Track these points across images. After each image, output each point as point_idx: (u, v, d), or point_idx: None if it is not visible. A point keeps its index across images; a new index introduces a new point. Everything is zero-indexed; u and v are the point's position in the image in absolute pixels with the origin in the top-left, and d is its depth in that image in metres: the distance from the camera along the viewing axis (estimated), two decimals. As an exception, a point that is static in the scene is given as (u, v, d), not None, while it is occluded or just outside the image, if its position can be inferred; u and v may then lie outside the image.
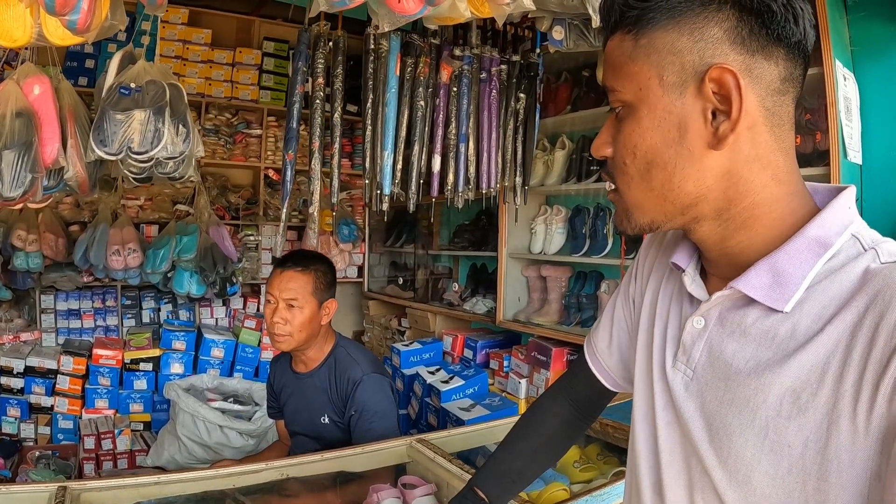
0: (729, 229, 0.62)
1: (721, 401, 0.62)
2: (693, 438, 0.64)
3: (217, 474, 1.35)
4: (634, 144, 0.61)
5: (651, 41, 0.59)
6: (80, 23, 1.08)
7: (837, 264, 0.58)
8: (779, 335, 0.58)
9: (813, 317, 0.57)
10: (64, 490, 1.26)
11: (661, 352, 0.72)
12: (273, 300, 1.72)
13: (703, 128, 0.59)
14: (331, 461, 1.43)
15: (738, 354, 0.61)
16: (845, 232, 0.59)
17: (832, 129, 2.07)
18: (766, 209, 0.61)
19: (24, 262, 3.21)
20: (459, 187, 2.49)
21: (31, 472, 2.88)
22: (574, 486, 1.43)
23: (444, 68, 2.38)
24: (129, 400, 3.42)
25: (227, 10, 3.92)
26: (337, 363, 1.79)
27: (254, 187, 4.08)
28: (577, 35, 1.72)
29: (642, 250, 0.85)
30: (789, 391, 0.56)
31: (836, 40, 2.14)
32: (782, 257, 0.59)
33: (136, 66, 1.92)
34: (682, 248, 0.71)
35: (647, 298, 0.79)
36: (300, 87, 2.11)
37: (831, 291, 0.57)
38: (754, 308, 0.61)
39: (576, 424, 1.01)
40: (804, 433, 0.54)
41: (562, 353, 2.74)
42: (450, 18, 1.31)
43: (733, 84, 0.57)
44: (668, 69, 0.59)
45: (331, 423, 1.78)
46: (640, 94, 0.60)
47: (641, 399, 0.75)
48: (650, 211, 0.63)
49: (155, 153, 1.86)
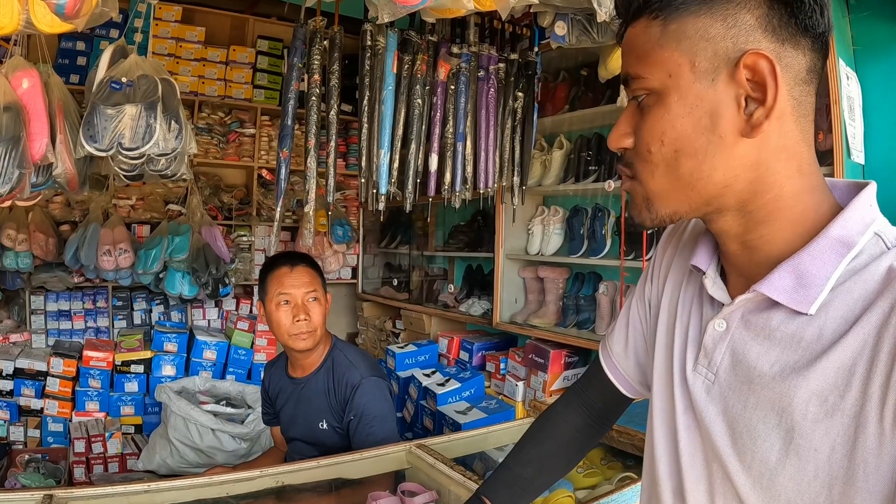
0: (752, 222, 0.61)
1: (745, 404, 0.61)
2: (715, 443, 0.63)
3: (210, 482, 1.30)
4: (663, 131, 0.59)
5: (682, 27, 0.58)
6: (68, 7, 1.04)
7: (861, 264, 0.57)
8: (805, 338, 0.57)
9: (839, 319, 0.56)
10: (50, 498, 1.22)
11: (681, 355, 0.70)
12: (290, 299, 1.69)
13: (737, 115, 0.58)
14: (328, 468, 1.39)
15: (763, 357, 0.60)
16: (868, 230, 0.58)
17: (835, 129, 2.07)
18: (790, 202, 0.60)
19: (14, 262, 3.15)
20: (457, 187, 2.46)
21: (20, 476, 2.82)
22: (578, 492, 1.40)
23: (442, 66, 2.34)
24: (120, 402, 3.37)
25: (221, 7, 3.88)
26: (335, 367, 1.75)
27: (247, 187, 4.04)
28: (579, 31, 1.69)
29: (658, 251, 0.83)
30: (816, 394, 0.55)
31: (838, 39, 2.14)
32: (806, 258, 0.58)
33: (127, 60, 1.88)
34: (701, 250, 0.70)
35: (665, 300, 0.77)
36: (295, 84, 2.07)
37: (856, 292, 0.56)
38: (778, 311, 0.60)
39: (589, 433, 0.98)
40: (831, 437, 0.54)
41: (560, 356, 2.71)
42: (450, 11, 1.27)
43: (768, 70, 0.56)
44: (700, 55, 0.57)
45: (329, 429, 1.74)
46: (669, 81, 0.58)
47: (661, 403, 0.73)
48: (674, 201, 0.62)
49: (146, 149, 1.81)
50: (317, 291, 1.72)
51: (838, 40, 2.14)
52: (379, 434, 1.63)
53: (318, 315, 1.70)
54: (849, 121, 2.14)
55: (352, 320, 4.54)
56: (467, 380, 2.92)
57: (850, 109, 2.16)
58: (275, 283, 1.70)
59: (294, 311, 1.67)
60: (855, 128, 2.21)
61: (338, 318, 4.50)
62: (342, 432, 1.73)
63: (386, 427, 1.67)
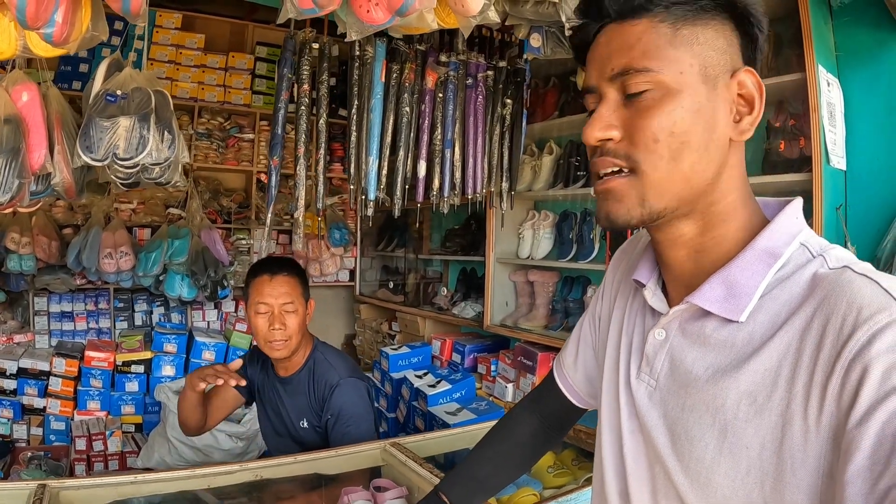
0: (713, 222, 0.66)
1: (682, 407, 0.64)
2: (656, 445, 0.67)
3: (192, 474, 1.37)
4: (673, 122, 0.62)
5: (693, 33, 0.63)
6: (55, 35, 1.10)
7: (787, 272, 0.61)
8: (736, 343, 0.61)
9: (767, 324, 0.60)
10: (43, 488, 1.29)
11: (626, 364, 0.75)
12: (267, 308, 1.73)
13: (730, 120, 0.64)
14: (305, 463, 1.45)
15: (698, 362, 0.64)
16: (794, 241, 0.63)
17: (814, 135, 2.07)
18: (740, 205, 0.66)
19: (18, 265, 3.24)
20: (445, 192, 2.51)
21: (22, 473, 2.91)
22: (547, 492, 1.45)
23: (430, 74, 2.40)
24: (120, 402, 3.45)
25: (220, 14, 3.95)
26: (315, 367, 1.81)
27: (246, 191, 4.11)
28: (554, 42, 1.74)
29: (609, 270, 0.88)
30: (746, 394, 0.59)
31: (819, 45, 2.13)
32: (735, 270, 0.63)
33: (122, 73, 1.94)
34: (643, 266, 0.74)
35: (614, 316, 0.82)
36: (285, 94, 2.13)
37: (782, 298, 0.60)
38: (712, 318, 0.64)
39: (544, 438, 1.03)
40: (760, 434, 0.57)
41: (548, 358, 2.76)
42: (416, 28, 1.34)
43: (756, 86, 0.64)
44: (710, 62, 0.63)
45: (309, 428, 1.80)
46: (681, 79, 0.62)
47: (608, 410, 0.78)
48: (669, 193, 0.63)
49: (140, 159, 1.88)
50: (294, 303, 1.75)
51: (819, 46, 2.14)
52: (354, 434, 1.69)
53: (293, 324, 1.73)
54: (829, 127, 2.15)
55: (349, 322, 4.61)
56: (458, 381, 2.97)
57: (830, 116, 2.17)
58: (255, 291, 1.75)
59: (270, 320, 1.72)
60: (836, 134, 2.22)
61: (336, 319, 4.57)
62: (321, 431, 1.79)
63: (362, 427, 1.72)
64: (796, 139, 2.23)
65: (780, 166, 2.17)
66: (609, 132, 0.64)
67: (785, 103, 2.25)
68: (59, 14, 1.07)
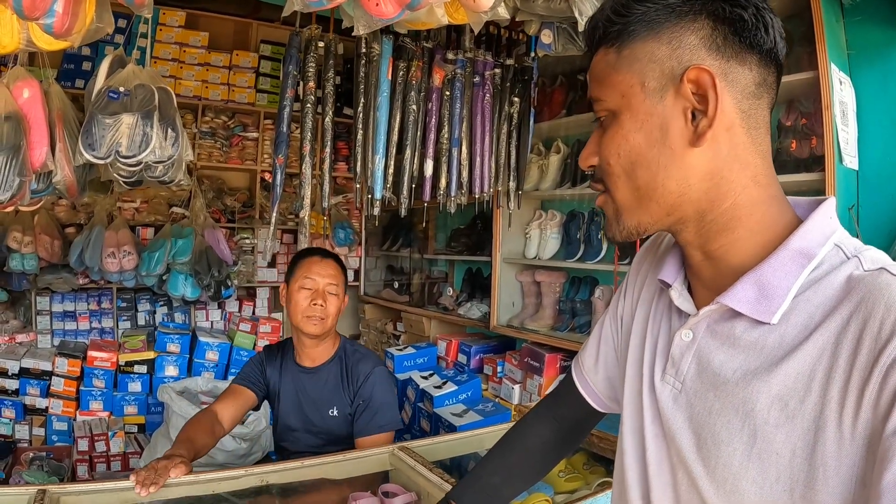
0: (711, 232, 0.64)
1: (709, 410, 0.62)
2: (681, 450, 0.65)
3: (196, 480, 1.34)
4: (618, 145, 0.64)
5: (632, 52, 0.63)
6: (56, 26, 1.07)
7: (821, 274, 0.59)
8: (767, 345, 0.59)
9: (800, 326, 0.58)
10: (43, 494, 1.27)
11: (650, 366, 0.73)
12: (313, 284, 1.81)
13: (684, 127, 0.62)
14: (312, 468, 1.42)
15: (727, 364, 0.62)
16: (828, 242, 0.60)
17: (827, 134, 2.04)
18: (748, 211, 0.62)
19: (20, 264, 3.22)
20: (452, 192, 2.48)
21: (24, 473, 2.88)
22: (559, 496, 1.42)
23: (437, 72, 2.37)
24: (123, 402, 3.43)
25: (224, 12, 3.93)
26: (347, 356, 1.87)
27: (250, 190, 4.08)
28: (565, 39, 1.71)
29: (633, 269, 0.86)
30: (777, 399, 0.57)
31: (831, 44, 2.11)
32: (767, 270, 0.60)
33: (125, 69, 1.91)
34: (668, 264, 0.73)
35: (638, 315, 0.79)
36: (290, 92, 2.10)
37: (816, 300, 0.58)
38: (742, 320, 0.62)
39: (558, 446, 1.00)
40: (792, 440, 0.55)
41: (555, 360, 2.72)
42: (424, 24, 1.30)
43: (709, 83, 0.60)
44: (649, 76, 0.62)
45: (340, 416, 1.81)
46: (622, 101, 0.63)
47: (631, 414, 0.76)
48: (637, 212, 0.65)
49: (143, 157, 1.85)
50: (338, 286, 1.84)
51: (831, 45, 2.12)
52: (381, 421, 1.76)
53: (333, 306, 1.82)
54: (841, 126, 2.12)
55: (354, 322, 4.58)
56: (464, 382, 2.94)
57: (842, 114, 2.14)
58: (303, 267, 1.83)
59: (313, 296, 1.79)
60: (848, 133, 2.19)
61: (340, 319, 4.52)
62: (351, 417, 1.82)
63: (390, 415, 1.80)
64: (808, 138, 2.20)
65: (791, 166, 2.14)
66: (589, 161, 0.68)
67: (795, 102, 2.22)
68: (59, 4, 1.04)
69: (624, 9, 0.63)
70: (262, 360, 1.95)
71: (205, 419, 1.70)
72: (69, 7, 1.06)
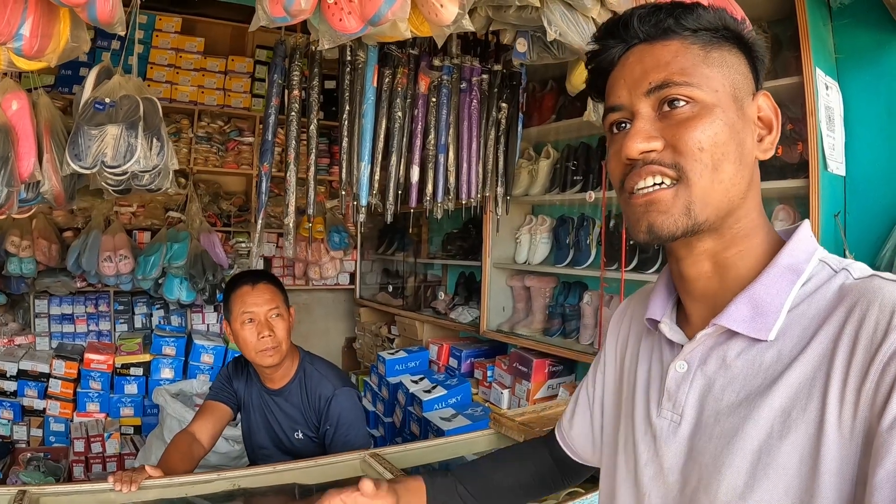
0: (737, 237, 0.66)
1: (710, 436, 0.63)
2: (682, 483, 0.65)
3: (170, 483, 1.37)
4: (715, 133, 0.63)
5: (723, 56, 0.66)
6: (25, 49, 1.10)
7: (812, 288, 0.62)
8: (765, 362, 0.61)
9: (796, 339, 0.60)
10: (23, 494, 1.30)
11: (644, 405, 0.73)
12: (253, 317, 1.71)
13: (755, 139, 0.67)
14: (284, 473, 1.45)
15: (728, 388, 0.63)
16: (812, 258, 0.64)
17: (812, 140, 2.03)
18: (762, 222, 0.68)
19: (18, 268, 3.27)
20: (438, 197, 2.49)
21: (21, 474, 2.93)
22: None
23: (423, 79, 2.38)
24: (119, 404, 3.47)
25: (220, 18, 3.95)
26: (306, 379, 1.82)
27: (246, 194, 4.12)
28: (540, 48, 1.72)
29: (609, 337, 0.88)
30: (779, 412, 0.58)
31: (817, 48, 2.09)
32: (759, 288, 0.63)
33: (111, 80, 1.94)
34: (654, 303, 0.74)
35: (626, 367, 0.81)
36: (275, 100, 2.13)
37: (810, 313, 0.60)
38: (737, 341, 0.64)
39: (544, 482, 1.00)
40: (798, 449, 0.56)
41: (543, 365, 2.74)
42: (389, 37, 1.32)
43: (773, 109, 0.68)
44: (737, 84, 0.66)
45: (305, 439, 1.81)
46: (716, 96, 0.64)
47: (625, 461, 0.75)
48: (712, 204, 0.64)
49: (128, 167, 1.88)
50: (279, 308, 1.74)
51: (818, 48, 2.09)
52: (354, 441, 1.73)
53: (281, 330, 1.73)
54: (827, 132, 2.10)
55: (350, 325, 4.61)
56: (454, 387, 2.96)
57: (828, 120, 2.12)
58: (238, 302, 1.73)
59: (258, 329, 1.70)
60: (834, 139, 2.17)
61: (336, 322, 4.57)
62: (318, 441, 1.80)
63: (360, 433, 1.78)
64: (795, 144, 2.18)
65: (778, 172, 2.13)
66: (652, 143, 0.64)
67: (782, 107, 2.20)
68: (27, 28, 1.06)
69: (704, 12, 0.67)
70: (230, 376, 1.94)
71: (182, 443, 1.70)
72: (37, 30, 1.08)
